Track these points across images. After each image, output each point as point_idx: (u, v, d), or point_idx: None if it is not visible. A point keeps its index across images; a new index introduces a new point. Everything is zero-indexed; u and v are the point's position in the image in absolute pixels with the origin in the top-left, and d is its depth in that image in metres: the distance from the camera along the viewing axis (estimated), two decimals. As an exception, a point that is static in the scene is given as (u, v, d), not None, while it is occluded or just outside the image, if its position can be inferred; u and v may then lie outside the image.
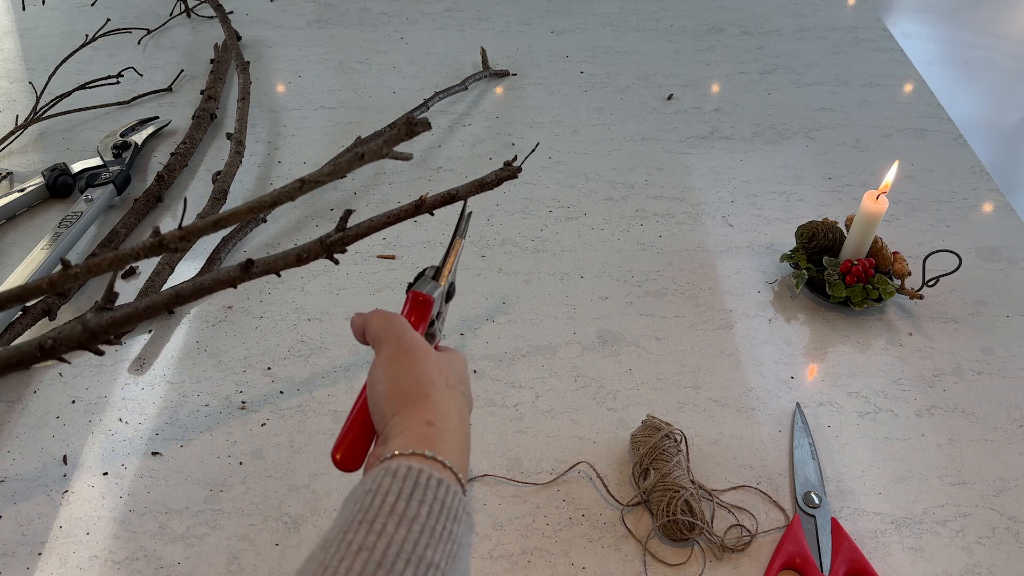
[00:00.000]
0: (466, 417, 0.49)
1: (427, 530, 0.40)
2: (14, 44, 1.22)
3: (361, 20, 1.30)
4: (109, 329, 0.50)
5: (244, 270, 0.50)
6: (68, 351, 0.50)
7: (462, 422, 0.48)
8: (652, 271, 0.86)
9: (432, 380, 0.49)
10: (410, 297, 0.55)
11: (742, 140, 1.05)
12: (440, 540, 0.40)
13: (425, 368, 0.49)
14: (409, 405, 0.47)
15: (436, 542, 0.40)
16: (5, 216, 0.89)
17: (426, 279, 0.57)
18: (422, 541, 0.39)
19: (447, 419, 0.47)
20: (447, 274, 0.58)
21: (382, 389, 0.48)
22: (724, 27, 1.30)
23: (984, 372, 0.76)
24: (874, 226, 0.79)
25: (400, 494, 0.41)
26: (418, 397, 0.47)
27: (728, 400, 0.73)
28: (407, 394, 0.48)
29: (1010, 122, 2.54)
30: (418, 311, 0.55)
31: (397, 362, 0.49)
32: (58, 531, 0.62)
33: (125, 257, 0.51)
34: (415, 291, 0.56)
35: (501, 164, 0.97)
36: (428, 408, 0.47)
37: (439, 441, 0.45)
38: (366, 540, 0.38)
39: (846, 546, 0.61)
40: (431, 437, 0.45)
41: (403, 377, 0.48)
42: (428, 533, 0.40)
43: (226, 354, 0.76)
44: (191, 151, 0.98)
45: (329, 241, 0.51)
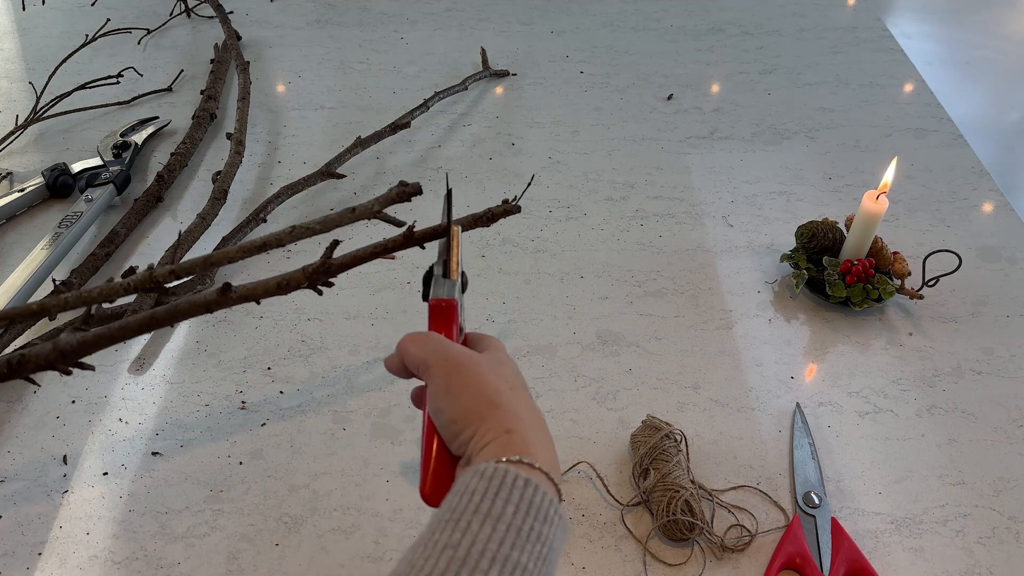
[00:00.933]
0: (541, 415, 0.48)
1: (513, 529, 0.39)
2: (14, 44, 1.22)
3: (361, 20, 1.30)
4: (80, 350, 0.49)
5: (222, 294, 0.49)
6: (37, 370, 0.49)
7: (539, 420, 0.47)
8: (652, 271, 0.86)
9: (496, 388, 0.47)
10: (432, 307, 0.52)
11: (742, 140, 1.05)
12: (528, 541, 0.39)
13: (483, 379, 0.47)
14: (481, 421, 0.45)
15: (523, 542, 0.39)
16: (5, 216, 0.89)
17: (439, 281, 0.54)
18: (507, 540, 0.38)
19: (524, 422, 0.45)
20: (455, 267, 0.54)
21: (449, 415, 0.46)
22: (724, 27, 1.30)
23: (984, 372, 0.76)
24: (874, 226, 0.79)
25: (486, 493, 0.40)
26: (488, 409, 0.45)
27: (728, 400, 0.73)
28: (476, 411, 0.46)
29: (1010, 122, 2.54)
30: (445, 319, 0.52)
31: (453, 383, 0.47)
32: (58, 531, 0.62)
33: (116, 289, 0.52)
34: (435, 299, 0.52)
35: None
36: (502, 417, 0.45)
37: (523, 444, 0.44)
38: (451, 538, 0.38)
39: (846, 546, 0.61)
40: (514, 443, 0.43)
41: (465, 396, 0.46)
42: (515, 532, 0.39)
43: (226, 354, 0.76)
44: (191, 151, 0.98)
45: (311, 270, 0.50)
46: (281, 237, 0.52)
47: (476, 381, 0.47)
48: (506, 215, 0.59)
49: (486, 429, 0.44)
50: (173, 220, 0.91)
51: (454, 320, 0.52)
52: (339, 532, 0.62)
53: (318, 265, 0.50)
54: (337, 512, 0.64)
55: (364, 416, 0.71)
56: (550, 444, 0.46)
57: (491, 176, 0.98)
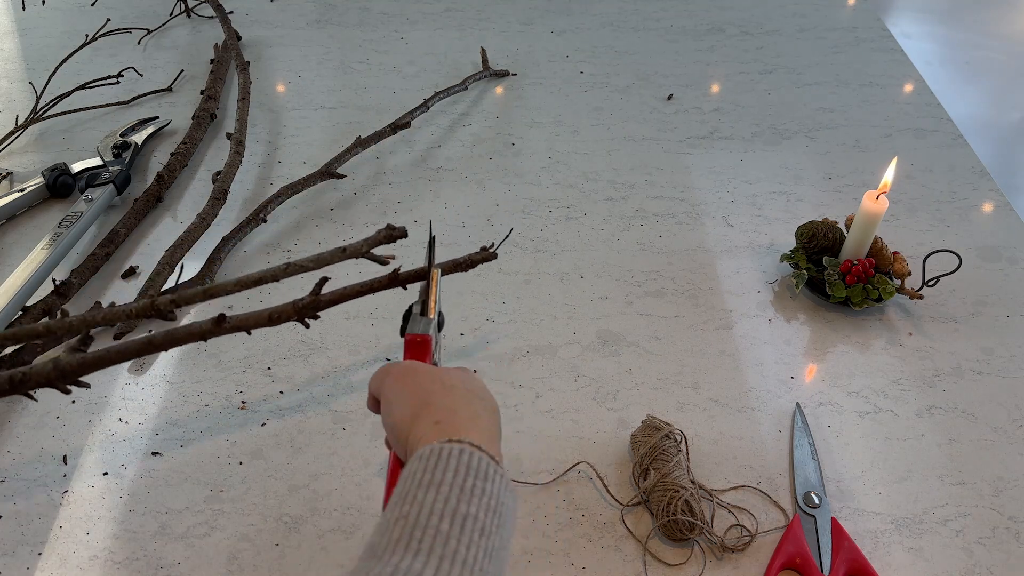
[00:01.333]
0: (476, 407, 0.49)
1: (456, 488, 0.40)
2: (14, 44, 1.22)
3: (361, 20, 1.30)
4: (80, 370, 0.52)
5: (216, 324, 0.53)
6: (37, 387, 0.52)
7: (473, 412, 0.48)
8: (652, 271, 0.86)
9: (429, 389, 0.49)
10: (408, 341, 0.56)
11: (742, 140, 1.05)
12: (473, 495, 0.41)
13: (418, 383, 0.50)
14: (415, 420, 0.47)
15: (469, 496, 0.40)
16: (5, 216, 0.89)
17: (415, 318, 0.58)
18: (452, 497, 0.40)
19: (454, 414, 0.47)
20: (433, 306, 0.58)
21: (391, 420, 0.49)
22: (724, 27, 1.30)
23: (984, 372, 0.76)
24: (874, 226, 0.79)
25: (425, 468, 0.42)
26: (422, 408, 0.48)
27: (728, 400, 0.73)
28: (412, 412, 0.48)
29: (1010, 122, 2.54)
30: (419, 353, 0.56)
31: (394, 389, 0.50)
32: (58, 531, 0.62)
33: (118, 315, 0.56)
34: (410, 334, 0.56)
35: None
36: (432, 412, 0.47)
37: (454, 430, 0.45)
38: (401, 511, 0.39)
39: (846, 546, 0.61)
40: (445, 431, 0.45)
41: (403, 399, 0.49)
42: (458, 490, 0.40)
43: (226, 354, 0.76)
44: (191, 151, 0.98)
45: (301, 305, 0.54)
46: (276, 273, 0.57)
47: (412, 384, 0.50)
48: (484, 262, 0.65)
49: (420, 426, 0.46)
50: (173, 220, 0.91)
51: (427, 354, 0.56)
52: (339, 532, 0.62)
53: (308, 302, 0.54)
54: (337, 512, 0.64)
55: (364, 416, 0.71)
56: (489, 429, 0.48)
57: (491, 176, 0.98)
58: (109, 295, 0.81)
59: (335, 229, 0.90)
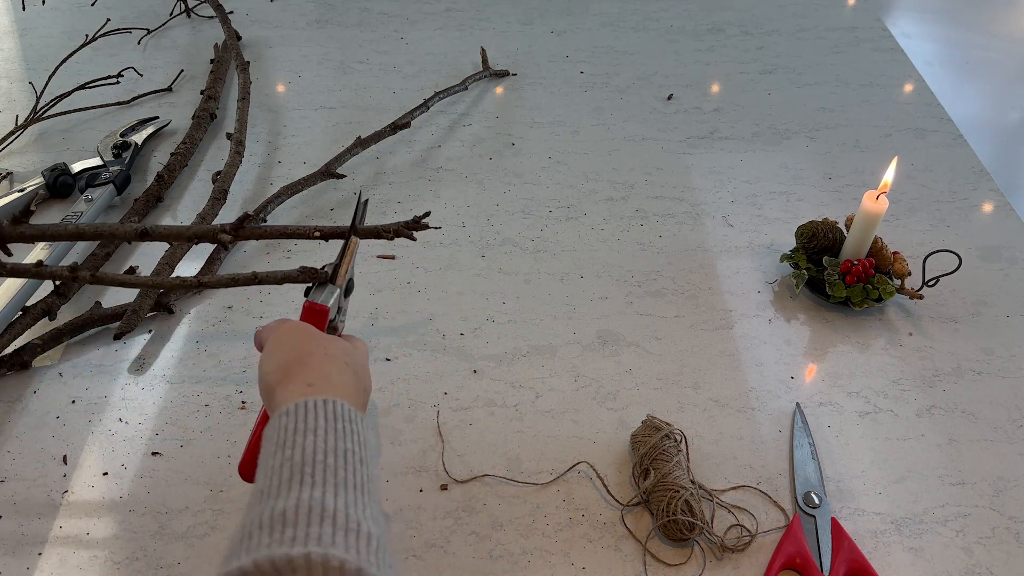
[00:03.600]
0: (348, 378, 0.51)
1: (331, 430, 0.45)
2: (14, 44, 1.22)
3: (361, 20, 1.30)
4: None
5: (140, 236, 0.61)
6: None
7: (344, 381, 0.50)
8: (652, 271, 0.86)
9: (309, 350, 0.51)
10: (305, 307, 0.57)
11: (742, 140, 1.05)
12: (346, 434, 0.45)
13: (302, 343, 0.52)
14: (288, 376, 0.50)
15: (343, 435, 0.45)
16: (5, 216, 0.89)
17: (322, 285, 0.59)
18: (330, 437, 0.44)
19: (327, 379, 0.49)
20: (343, 274, 0.60)
21: (265, 369, 0.51)
22: (724, 27, 1.30)
23: (984, 372, 0.76)
24: (874, 226, 0.79)
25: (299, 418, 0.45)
26: (296, 366, 0.50)
27: (728, 400, 0.73)
28: (286, 367, 0.50)
29: (1010, 122, 2.54)
30: (314, 319, 0.57)
31: (277, 345, 0.53)
32: (58, 531, 0.62)
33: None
34: (309, 301, 0.57)
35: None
36: (306, 373, 0.49)
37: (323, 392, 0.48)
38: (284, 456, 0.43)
39: (846, 546, 0.61)
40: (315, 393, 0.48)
41: (283, 353, 0.52)
42: (333, 432, 0.45)
43: (226, 354, 0.76)
44: (191, 151, 0.98)
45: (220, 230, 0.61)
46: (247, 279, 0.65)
47: (294, 343, 0.52)
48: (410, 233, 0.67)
49: (293, 382, 0.49)
50: (173, 220, 0.91)
51: (323, 323, 0.57)
52: (339, 532, 0.62)
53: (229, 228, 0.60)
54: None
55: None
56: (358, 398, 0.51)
57: (491, 176, 0.98)
58: (109, 295, 0.81)
59: (335, 229, 0.90)
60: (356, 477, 0.43)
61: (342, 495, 0.41)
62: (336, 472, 0.42)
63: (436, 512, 0.64)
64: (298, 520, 0.38)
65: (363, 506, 0.41)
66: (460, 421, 0.70)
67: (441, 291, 0.83)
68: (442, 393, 0.73)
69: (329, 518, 0.39)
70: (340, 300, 0.60)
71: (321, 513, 0.39)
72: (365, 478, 0.44)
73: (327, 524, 0.39)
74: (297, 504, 0.39)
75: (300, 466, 0.42)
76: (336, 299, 0.58)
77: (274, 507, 0.40)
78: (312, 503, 0.40)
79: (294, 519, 0.39)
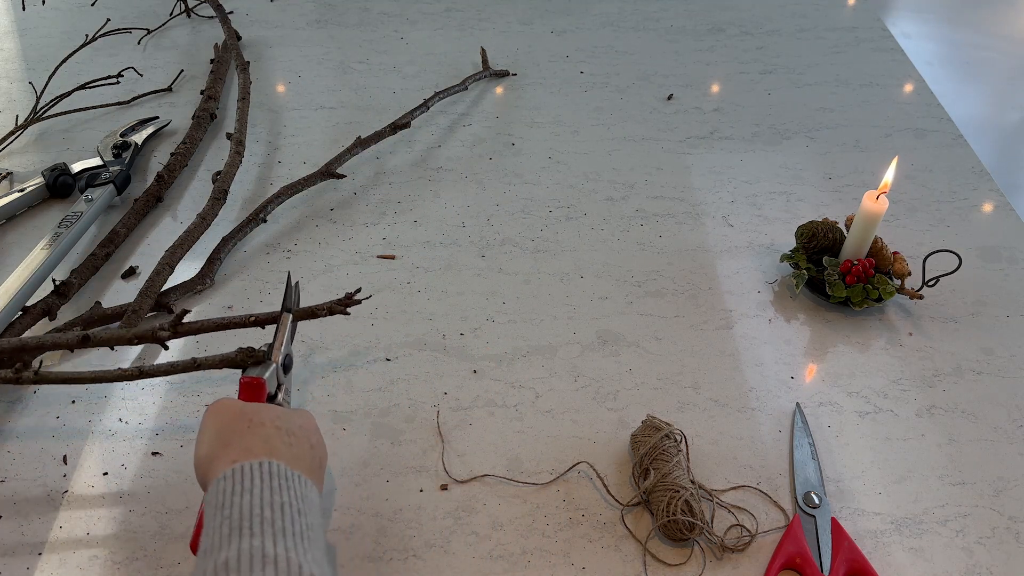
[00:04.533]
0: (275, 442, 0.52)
1: (265, 487, 0.46)
2: (14, 44, 1.22)
3: (361, 20, 1.30)
4: None
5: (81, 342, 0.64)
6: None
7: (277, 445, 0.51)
8: (652, 271, 0.86)
9: (232, 428, 0.52)
10: (241, 383, 0.59)
11: (742, 140, 1.05)
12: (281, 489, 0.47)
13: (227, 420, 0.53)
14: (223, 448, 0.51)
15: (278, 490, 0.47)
16: (5, 216, 0.89)
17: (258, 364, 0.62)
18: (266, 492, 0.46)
19: (261, 444, 0.51)
20: (277, 349, 0.62)
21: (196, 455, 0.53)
22: (724, 27, 1.30)
23: (984, 372, 0.76)
24: (874, 226, 0.79)
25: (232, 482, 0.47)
26: (221, 448, 0.51)
27: (728, 400, 0.73)
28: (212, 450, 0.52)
29: (1010, 122, 2.54)
30: (251, 393, 0.59)
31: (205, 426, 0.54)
32: (58, 531, 0.62)
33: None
34: (245, 376, 0.59)
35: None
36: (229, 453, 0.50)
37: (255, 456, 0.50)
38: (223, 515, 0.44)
39: (846, 546, 0.61)
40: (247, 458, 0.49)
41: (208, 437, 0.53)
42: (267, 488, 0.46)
43: (226, 354, 0.76)
44: (191, 151, 0.98)
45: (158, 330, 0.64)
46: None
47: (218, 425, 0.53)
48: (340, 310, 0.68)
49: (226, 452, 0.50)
50: (173, 220, 0.91)
51: (260, 397, 0.59)
52: (339, 532, 0.62)
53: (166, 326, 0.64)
54: (337, 512, 0.64)
55: (364, 416, 0.71)
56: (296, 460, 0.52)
57: (491, 176, 0.98)
58: (109, 295, 0.81)
59: (335, 229, 0.90)
60: (295, 526, 0.45)
61: (281, 542, 0.43)
62: (274, 523, 0.44)
63: (436, 512, 0.64)
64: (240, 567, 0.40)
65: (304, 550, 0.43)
66: (460, 421, 0.70)
67: (441, 291, 0.83)
68: (442, 393, 0.73)
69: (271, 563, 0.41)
70: (280, 377, 0.62)
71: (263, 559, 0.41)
72: (304, 527, 0.45)
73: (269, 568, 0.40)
74: (239, 553, 0.41)
75: (239, 521, 0.44)
76: (272, 374, 0.61)
77: (216, 559, 0.41)
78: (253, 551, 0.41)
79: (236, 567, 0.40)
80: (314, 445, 0.55)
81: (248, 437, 0.51)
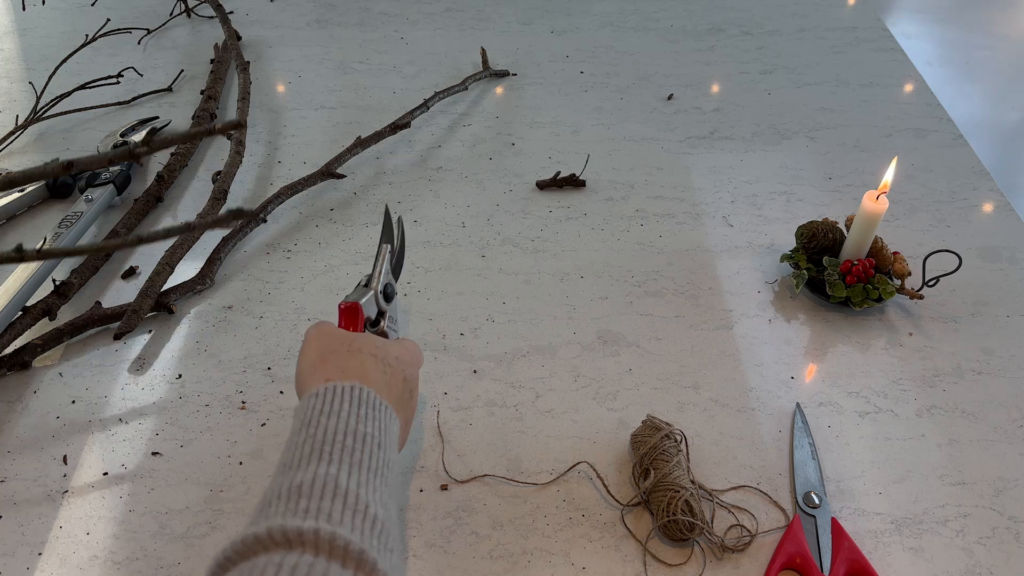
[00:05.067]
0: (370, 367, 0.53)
1: (352, 414, 0.47)
2: (14, 44, 1.22)
3: (361, 20, 1.30)
4: None
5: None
6: None
7: (370, 372, 0.52)
8: (652, 271, 0.86)
9: (332, 348, 0.53)
10: (340, 308, 0.60)
11: (742, 140, 1.05)
12: (368, 419, 0.48)
13: (328, 341, 0.54)
14: (313, 372, 0.52)
15: (364, 419, 0.47)
16: (5, 216, 0.89)
17: (358, 288, 0.63)
18: (352, 419, 0.47)
19: (355, 369, 0.52)
20: (377, 278, 0.63)
21: (298, 372, 0.54)
22: (724, 27, 1.30)
23: (984, 372, 0.76)
24: (874, 226, 0.79)
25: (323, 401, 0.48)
26: (319, 363, 0.52)
27: (728, 400, 0.73)
28: (310, 367, 0.53)
29: (1010, 122, 2.54)
30: (349, 318, 0.60)
31: (309, 342, 0.55)
32: (58, 531, 0.62)
33: None
34: (344, 302, 0.60)
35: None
36: (325, 369, 0.51)
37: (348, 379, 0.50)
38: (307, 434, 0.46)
39: (846, 546, 0.61)
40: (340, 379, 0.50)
41: (310, 353, 0.54)
42: (355, 415, 0.47)
43: (226, 354, 0.76)
44: (191, 151, 0.98)
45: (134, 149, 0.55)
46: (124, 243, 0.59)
47: (321, 343, 0.54)
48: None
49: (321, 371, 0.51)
50: (173, 220, 0.91)
51: (357, 320, 0.60)
52: (339, 532, 0.62)
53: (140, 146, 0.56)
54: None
55: (364, 416, 0.71)
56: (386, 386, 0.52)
57: (491, 176, 0.98)
58: (109, 295, 0.81)
59: (335, 229, 0.90)
60: (372, 460, 0.45)
61: (355, 475, 0.43)
62: (352, 453, 0.44)
63: (436, 512, 0.64)
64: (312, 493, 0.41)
65: (374, 488, 0.43)
66: (460, 421, 0.70)
67: (441, 291, 0.83)
68: (442, 393, 0.73)
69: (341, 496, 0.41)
70: (381, 304, 0.63)
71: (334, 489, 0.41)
72: (381, 462, 0.46)
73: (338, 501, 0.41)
74: (313, 478, 0.42)
75: (320, 444, 0.44)
76: (369, 300, 0.61)
77: (292, 479, 0.42)
78: (327, 479, 0.42)
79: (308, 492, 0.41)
80: (407, 378, 0.56)
81: (346, 358, 0.52)
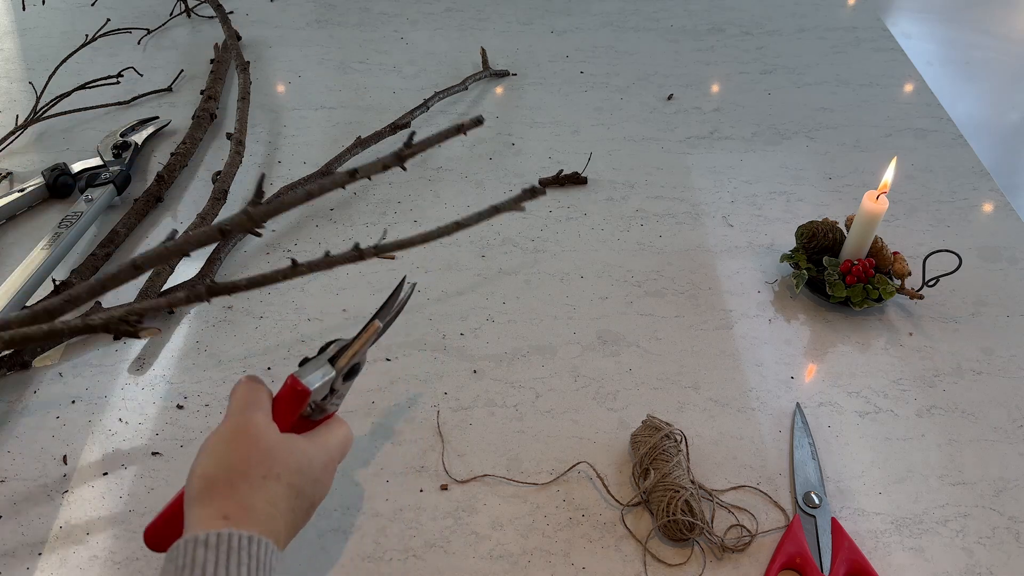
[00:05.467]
0: (281, 507, 0.47)
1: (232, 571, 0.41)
2: (14, 44, 1.22)
3: (361, 20, 1.30)
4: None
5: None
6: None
7: (271, 514, 0.46)
8: (652, 271, 0.86)
9: (244, 470, 0.46)
10: (287, 382, 0.52)
11: (742, 140, 1.05)
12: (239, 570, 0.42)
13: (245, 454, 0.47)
14: (211, 494, 0.46)
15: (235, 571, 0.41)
16: (5, 216, 0.89)
17: (320, 360, 0.54)
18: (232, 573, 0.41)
19: (249, 513, 0.45)
20: (350, 357, 0.54)
21: (196, 466, 0.47)
22: (724, 27, 1.30)
23: (984, 372, 0.76)
24: (874, 226, 0.79)
25: (216, 555, 0.42)
26: (223, 486, 0.46)
27: (728, 400, 0.73)
28: (214, 480, 0.46)
29: (1010, 122, 2.54)
30: (290, 401, 0.52)
31: (222, 441, 0.48)
32: (58, 531, 0.62)
33: None
34: (294, 377, 0.52)
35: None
36: (228, 501, 0.45)
37: (236, 525, 0.44)
38: None
39: (846, 546, 0.61)
40: (226, 526, 0.44)
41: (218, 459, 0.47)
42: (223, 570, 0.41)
43: (226, 354, 0.76)
44: (191, 151, 0.98)
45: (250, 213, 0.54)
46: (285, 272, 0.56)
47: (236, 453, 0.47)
48: None
49: (208, 504, 0.45)
50: (173, 220, 0.91)
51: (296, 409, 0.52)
52: (339, 532, 0.62)
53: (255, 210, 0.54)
54: (337, 512, 0.64)
55: (364, 416, 0.71)
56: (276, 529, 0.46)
57: (491, 176, 0.98)
58: (109, 295, 0.81)
59: (335, 229, 0.90)
60: None
61: None
62: None
63: (436, 512, 0.64)
64: None
65: None
66: (460, 421, 0.70)
67: (441, 291, 0.83)
68: (442, 393, 0.73)
69: None
70: (337, 383, 0.55)
71: None
72: None
73: None
74: None
75: None
76: (328, 382, 0.54)
77: None
78: None
79: None
80: (316, 503, 0.51)
81: (258, 489, 0.46)
